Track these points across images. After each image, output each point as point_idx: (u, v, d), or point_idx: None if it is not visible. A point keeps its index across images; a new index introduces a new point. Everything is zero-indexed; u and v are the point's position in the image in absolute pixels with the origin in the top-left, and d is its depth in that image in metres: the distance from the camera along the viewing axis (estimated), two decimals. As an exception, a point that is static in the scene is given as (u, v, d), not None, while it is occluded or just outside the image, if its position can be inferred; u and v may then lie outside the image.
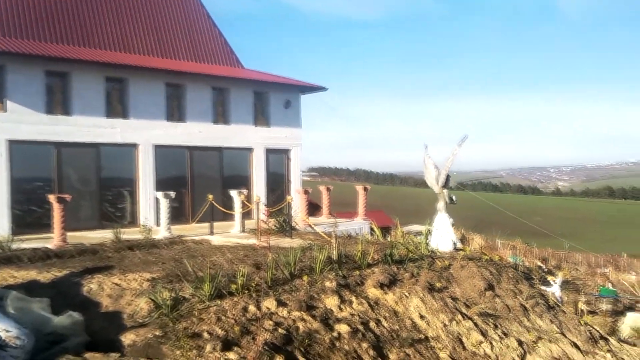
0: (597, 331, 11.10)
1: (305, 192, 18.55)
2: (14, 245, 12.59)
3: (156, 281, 8.71)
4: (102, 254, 11.84)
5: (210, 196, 15.51)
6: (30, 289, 8.41)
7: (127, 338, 6.84)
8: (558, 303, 12.07)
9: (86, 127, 17.25)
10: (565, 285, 19.18)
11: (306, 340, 7.03)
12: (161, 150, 18.89)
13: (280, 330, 7.14)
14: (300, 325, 7.38)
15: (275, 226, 15.81)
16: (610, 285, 23.98)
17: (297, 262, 9.41)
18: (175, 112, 19.51)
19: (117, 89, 18.25)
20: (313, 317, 7.64)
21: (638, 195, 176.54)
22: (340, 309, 8.14)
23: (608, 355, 9.89)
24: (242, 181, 20.98)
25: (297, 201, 22.23)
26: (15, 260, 11.03)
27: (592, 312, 16.74)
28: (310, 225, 17.95)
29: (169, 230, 14.98)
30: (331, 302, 8.23)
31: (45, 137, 16.56)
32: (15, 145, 16.17)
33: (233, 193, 16.66)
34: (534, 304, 10.56)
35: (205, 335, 6.78)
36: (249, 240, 13.91)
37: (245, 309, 7.53)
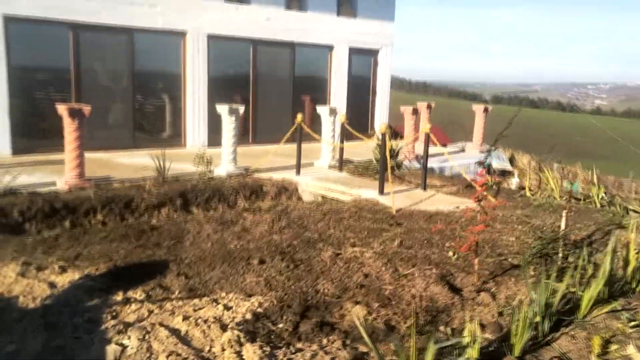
0: None
1: (415, 111, 13.35)
2: (7, 178, 7.98)
3: (262, 324, 3.97)
4: (141, 217, 7.16)
5: (300, 116, 10.47)
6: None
7: None
8: None
9: (114, 3, 12.05)
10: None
11: None
12: (217, 43, 13.66)
13: None
14: None
15: (376, 160, 10.89)
16: None
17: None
18: (236, -10, 14.09)
19: (157, -49, 12.81)
20: None
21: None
22: None
23: None
24: (318, 90, 15.86)
25: (380, 120, 17.16)
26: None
27: None
28: (417, 159, 13.04)
29: (233, 163, 10.16)
30: None
31: (57, 14, 11.44)
32: (14, 25, 11.14)
33: (322, 111, 11.62)
34: None
35: None
36: (359, 189, 9.02)
37: None
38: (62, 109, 8.27)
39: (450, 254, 5.68)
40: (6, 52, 10.98)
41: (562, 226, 5.89)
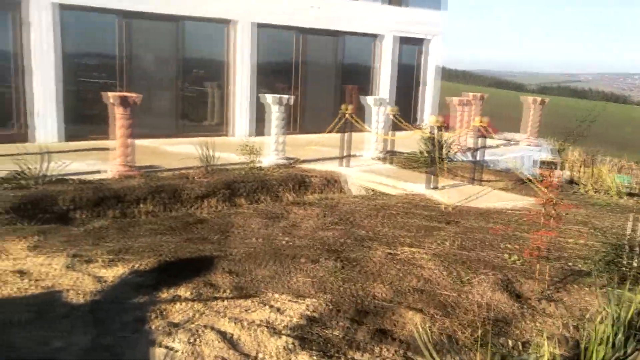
0: None
1: (464, 102, 12.92)
2: (57, 165, 7.97)
3: (314, 329, 3.79)
4: (187, 205, 7.07)
5: (347, 107, 10.21)
6: (45, 313, 3.84)
7: None
8: None
9: (161, -10, 12.02)
10: None
11: None
12: (263, 31, 13.51)
13: None
14: None
15: (425, 152, 10.57)
16: None
17: None
18: (282, -24, 13.85)
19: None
20: None
21: None
22: None
23: None
24: (363, 80, 15.55)
25: (427, 111, 16.76)
26: (42, 212, 6.43)
27: None
28: (469, 151, 12.60)
29: (279, 154, 10.00)
30: None
31: (107, 2, 11.46)
32: (67, 13, 11.22)
33: (369, 101, 11.34)
34: None
35: None
36: (407, 183, 8.74)
37: None
38: (113, 97, 8.24)
39: (509, 256, 5.38)
40: (60, 40, 11.06)
41: None
